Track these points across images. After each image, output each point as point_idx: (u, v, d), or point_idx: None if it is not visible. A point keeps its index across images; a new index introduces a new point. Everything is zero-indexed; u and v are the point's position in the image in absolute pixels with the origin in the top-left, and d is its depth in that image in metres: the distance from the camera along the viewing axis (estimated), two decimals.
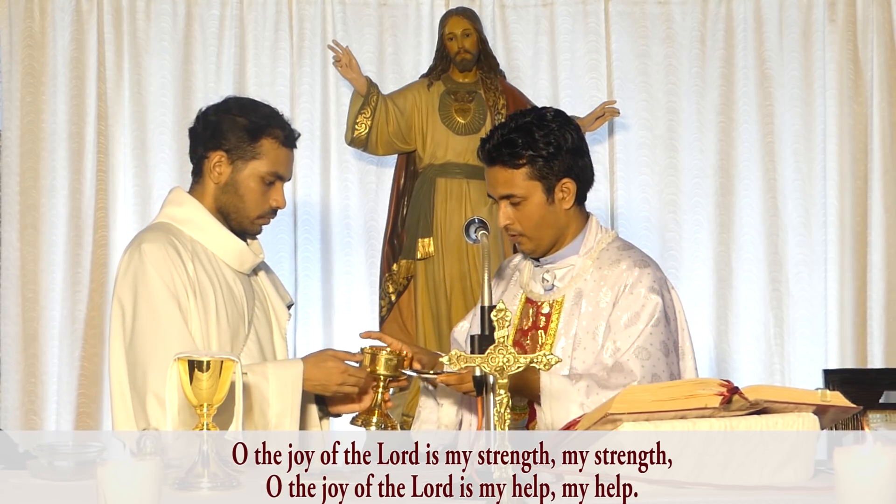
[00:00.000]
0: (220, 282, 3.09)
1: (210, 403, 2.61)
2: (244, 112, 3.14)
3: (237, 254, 3.13)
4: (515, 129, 3.12)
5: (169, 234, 3.08)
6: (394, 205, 5.80)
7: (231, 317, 3.07)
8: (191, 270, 3.02)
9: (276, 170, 3.11)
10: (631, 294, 3.11)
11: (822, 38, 6.04)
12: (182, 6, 6.01)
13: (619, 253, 3.18)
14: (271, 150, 3.11)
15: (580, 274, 3.16)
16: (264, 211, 3.14)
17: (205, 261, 3.08)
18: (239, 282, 3.13)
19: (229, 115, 3.12)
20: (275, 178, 3.12)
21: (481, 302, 2.54)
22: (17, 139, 5.90)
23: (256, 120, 3.12)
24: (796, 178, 6.04)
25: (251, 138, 3.10)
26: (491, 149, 3.12)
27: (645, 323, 3.08)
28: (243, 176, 3.11)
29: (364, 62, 5.82)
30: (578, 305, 3.13)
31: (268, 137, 3.11)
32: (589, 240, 3.19)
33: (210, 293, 3.05)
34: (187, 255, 3.05)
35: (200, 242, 3.10)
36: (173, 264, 3.00)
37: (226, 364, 2.63)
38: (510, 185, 3.11)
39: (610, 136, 6.07)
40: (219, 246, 3.12)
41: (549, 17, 6.08)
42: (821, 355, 5.97)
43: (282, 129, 3.12)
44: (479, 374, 2.40)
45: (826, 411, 2.56)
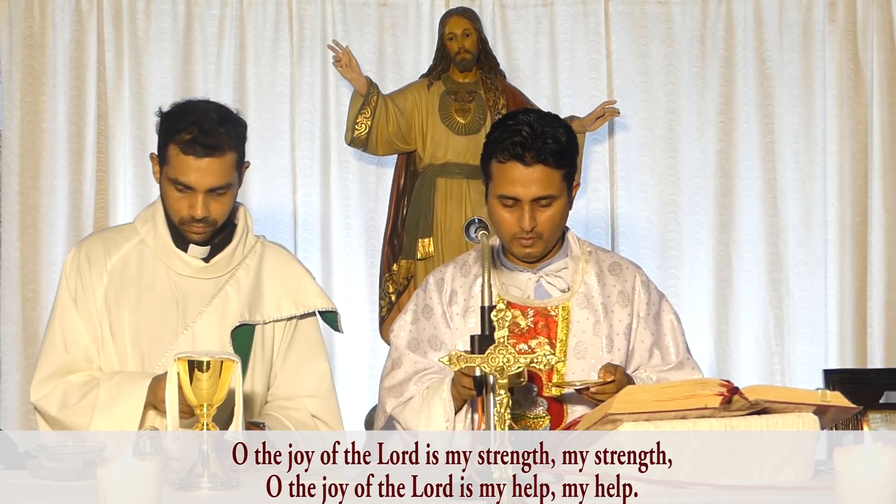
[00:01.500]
0: (149, 284, 3.09)
1: (210, 403, 2.61)
2: (167, 116, 3.08)
3: (172, 257, 3.11)
4: (553, 127, 3.04)
5: (106, 239, 3.16)
6: (394, 205, 5.79)
7: (152, 317, 3.07)
8: (91, 280, 3.09)
9: (177, 177, 3.02)
10: (651, 295, 3.17)
11: (822, 38, 6.04)
12: (182, 6, 6.01)
13: (610, 256, 3.23)
14: (173, 157, 3.02)
15: (579, 278, 3.15)
16: (183, 218, 3.06)
17: (138, 263, 3.11)
18: (185, 283, 3.10)
19: (160, 117, 3.10)
20: (182, 186, 3.02)
21: (481, 302, 2.53)
22: (17, 139, 5.90)
23: (168, 125, 3.05)
24: (796, 178, 6.04)
25: (162, 143, 3.06)
26: (541, 147, 2.99)
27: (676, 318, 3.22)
28: (162, 179, 3.08)
29: (364, 62, 5.82)
30: (588, 309, 3.12)
31: (172, 143, 3.02)
32: (573, 245, 3.19)
33: (125, 297, 3.08)
34: (103, 263, 3.10)
35: (150, 244, 3.13)
36: (79, 273, 3.11)
37: (226, 364, 2.63)
38: (549, 186, 3.02)
39: (610, 136, 6.06)
40: (159, 249, 3.12)
41: (549, 17, 6.08)
42: (821, 355, 5.96)
43: (189, 134, 2.99)
44: (479, 374, 2.40)
45: (826, 411, 2.56)
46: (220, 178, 3.01)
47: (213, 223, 3.07)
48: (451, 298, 3.15)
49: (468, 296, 3.14)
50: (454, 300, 3.14)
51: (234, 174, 3.06)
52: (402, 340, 3.16)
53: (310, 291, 3.19)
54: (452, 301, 3.14)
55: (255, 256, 3.20)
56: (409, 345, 3.14)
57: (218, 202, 3.04)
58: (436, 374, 3.08)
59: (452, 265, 3.22)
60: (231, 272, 3.15)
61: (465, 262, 3.22)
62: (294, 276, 3.22)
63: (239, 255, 3.17)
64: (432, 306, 3.15)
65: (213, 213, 3.04)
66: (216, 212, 3.05)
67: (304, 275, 3.23)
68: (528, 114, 3.09)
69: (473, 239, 2.83)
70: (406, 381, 3.10)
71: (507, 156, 3.01)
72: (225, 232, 3.15)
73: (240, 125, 3.10)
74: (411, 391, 3.08)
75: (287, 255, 3.28)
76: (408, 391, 3.09)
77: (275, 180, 5.99)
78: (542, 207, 3.03)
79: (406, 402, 3.08)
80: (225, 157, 3.02)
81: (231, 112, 3.11)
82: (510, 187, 3.02)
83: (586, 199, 6.00)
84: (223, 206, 3.06)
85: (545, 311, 3.10)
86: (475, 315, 3.10)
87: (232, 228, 3.18)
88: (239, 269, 3.16)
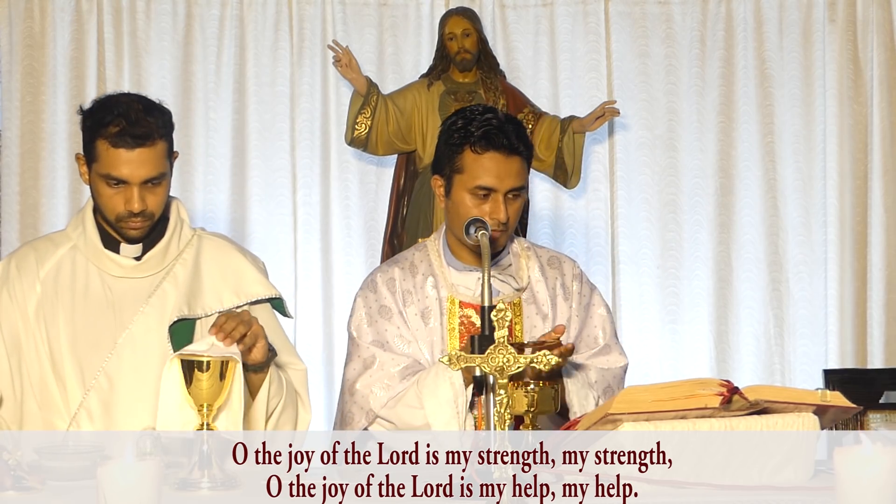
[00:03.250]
0: (82, 290, 3.04)
1: (210, 403, 2.61)
2: (90, 112, 3.02)
3: (103, 259, 3.06)
4: (515, 122, 3.08)
5: (38, 248, 3.09)
6: (394, 205, 5.79)
7: (88, 324, 3.01)
8: (22, 290, 3.03)
9: (109, 172, 2.96)
10: (584, 286, 3.21)
11: (822, 38, 6.04)
12: (182, 6, 6.01)
13: (547, 251, 3.26)
14: (103, 152, 2.96)
15: (525, 274, 3.16)
16: (120, 214, 3.00)
17: (71, 270, 3.05)
18: (119, 285, 3.04)
19: (83, 114, 3.04)
20: (115, 180, 2.97)
21: (481, 302, 2.53)
22: (17, 139, 5.90)
23: (94, 120, 2.99)
24: (796, 178, 6.04)
25: (88, 140, 3.00)
26: (516, 139, 3.02)
27: (606, 310, 3.24)
28: (92, 178, 3.02)
29: (364, 62, 5.82)
30: (536, 304, 3.13)
31: (100, 138, 2.96)
32: (513, 242, 3.20)
33: (60, 306, 3.01)
34: (35, 273, 3.04)
35: (81, 248, 3.08)
36: (6, 282, 3.04)
37: (227, 364, 2.63)
38: (523, 178, 3.04)
39: (610, 136, 6.06)
40: (90, 252, 3.07)
41: (549, 17, 6.08)
42: (821, 355, 5.96)
43: (117, 126, 2.93)
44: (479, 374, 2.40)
45: (826, 411, 2.56)
46: (153, 169, 2.96)
47: (151, 216, 3.01)
48: (406, 299, 3.14)
49: (422, 296, 3.14)
50: (408, 301, 3.13)
51: (167, 163, 3.01)
52: (366, 341, 3.12)
53: (251, 279, 3.11)
54: (407, 302, 3.13)
55: (192, 249, 3.12)
56: (375, 345, 3.11)
57: (153, 194, 2.99)
58: (418, 368, 3.06)
59: (397, 266, 3.19)
60: (167, 268, 3.08)
61: (409, 262, 3.19)
62: (233, 265, 3.13)
63: (174, 249, 3.10)
64: (389, 306, 3.13)
65: (150, 205, 2.99)
66: (153, 204, 2.99)
67: (245, 263, 3.15)
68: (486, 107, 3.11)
69: (473, 239, 2.84)
70: (389, 377, 3.06)
71: (485, 145, 3.01)
72: (158, 227, 3.09)
73: (165, 113, 3.04)
74: (399, 388, 3.04)
75: (226, 245, 3.19)
76: (396, 386, 3.04)
77: (275, 180, 5.98)
78: (511, 199, 3.04)
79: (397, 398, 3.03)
80: (156, 146, 2.96)
81: (154, 102, 3.05)
82: (487, 178, 3.01)
83: (586, 199, 6.00)
84: (158, 198, 3.01)
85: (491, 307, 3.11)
86: (434, 315, 3.11)
87: (165, 223, 3.11)
88: (175, 263, 3.09)
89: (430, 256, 3.19)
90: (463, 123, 3.05)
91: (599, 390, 3.08)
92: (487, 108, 3.11)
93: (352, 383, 3.10)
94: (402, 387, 3.04)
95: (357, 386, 3.09)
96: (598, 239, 5.94)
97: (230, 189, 5.93)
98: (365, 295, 3.17)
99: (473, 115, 3.05)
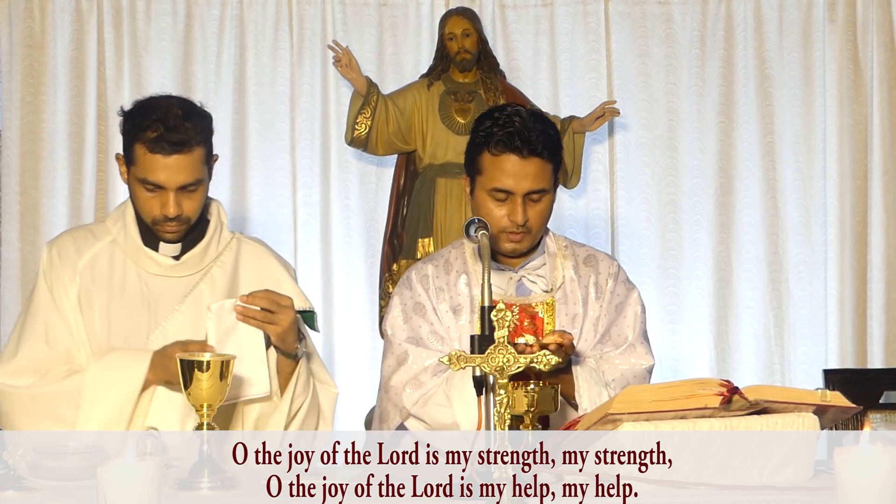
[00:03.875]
0: (119, 284, 3.04)
1: (210, 403, 2.61)
2: (130, 114, 3.03)
3: (142, 257, 3.07)
4: (543, 122, 3.04)
5: (77, 239, 3.10)
6: (394, 205, 5.79)
7: (122, 318, 3.03)
8: (63, 279, 3.03)
9: (146, 176, 2.97)
10: (620, 285, 3.18)
11: (822, 38, 6.03)
12: (182, 6, 6.01)
13: (585, 249, 3.23)
14: (140, 156, 2.97)
15: (559, 273, 3.15)
16: (156, 218, 3.01)
17: (109, 263, 3.06)
18: (156, 283, 3.05)
19: (123, 116, 3.04)
20: (152, 185, 2.98)
21: (481, 302, 2.53)
22: (17, 139, 5.90)
23: (132, 124, 3.00)
24: (796, 178, 6.03)
25: (128, 142, 3.01)
26: (535, 140, 2.99)
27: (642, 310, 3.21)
28: (130, 180, 3.03)
29: (364, 62, 5.82)
30: (569, 304, 3.13)
31: (138, 143, 2.97)
32: (549, 242, 3.19)
33: (97, 298, 3.02)
34: (74, 263, 3.05)
35: (120, 243, 3.09)
36: (54, 271, 3.05)
37: (227, 364, 2.63)
38: (543, 180, 3.02)
39: (610, 136, 6.06)
40: (129, 248, 3.08)
41: (549, 17, 6.08)
42: (821, 355, 5.96)
43: (154, 132, 2.94)
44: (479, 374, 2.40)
45: (826, 411, 2.56)
46: (189, 175, 2.97)
47: (187, 221, 3.02)
48: (438, 296, 3.14)
49: (454, 293, 3.14)
50: (441, 297, 3.14)
51: (204, 169, 3.02)
52: (400, 338, 3.13)
53: (287, 290, 3.11)
54: (440, 299, 3.14)
55: (231, 253, 3.14)
56: (409, 342, 3.12)
57: (189, 199, 3.00)
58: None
59: (431, 263, 3.20)
60: (205, 269, 3.10)
61: (444, 259, 3.20)
62: (271, 273, 3.15)
63: (213, 251, 3.11)
64: (423, 303, 3.13)
65: (186, 210, 3.00)
66: (188, 209, 3.01)
67: (282, 273, 3.17)
68: (514, 107, 3.08)
69: (473, 239, 2.83)
70: (422, 373, 3.06)
71: (502, 148, 3.00)
72: (198, 228, 3.10)
73: (205, 118, 3.04)
74: (430, 384, 3.05)
75: (264, 252, 3.21)
76: (428, 383, 3.05)
77: (275, 180, 5.98)
78: (533, 202, 3.03)
79: (427, 397, 3.04)
80: (193, 152, 2.97)
81: (195, 105, 3.06)
82: (504, 180, 3.00)
83: (586, 199, 6.00)
84: (195, 203, 3.02)
85: (530, 307, 3.11)
86: (465, 312, 3.11)
87: (205, 224, 3.12)
88: (214, 266, 3.11)
89: (465, 254, 3.20)
90: (489, 125, 3.03)
91: (617, 389, 3.05)
92: (515, 109, 3.06)
93: (386, 380, 3.12)
94: (433, 383, 3.04)
95: (391, 383, 3.10)
96: (598, 239, 5.93)
97: (230, 189, 5.92)
98: (401, 292, 3.19)
99: (500, 117, 3.03)
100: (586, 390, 2.99)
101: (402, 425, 3.09)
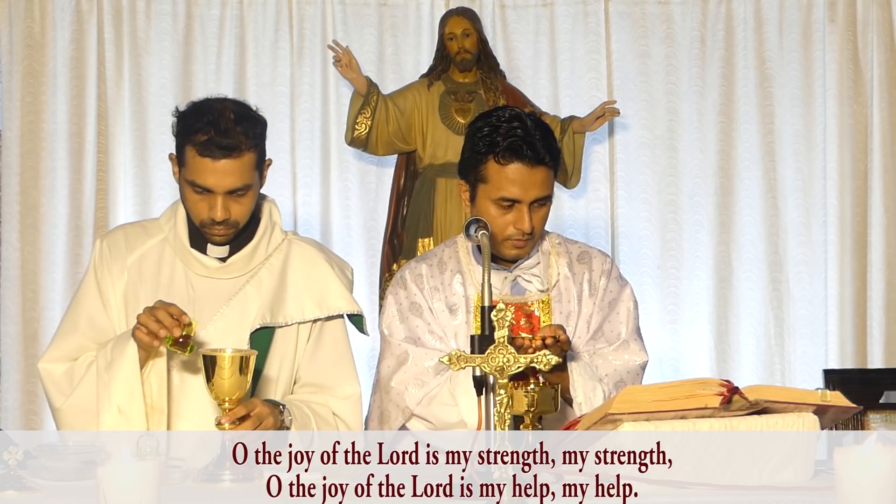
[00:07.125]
0: (166, 283, 3.04)
1: (231, 397, 2.63)
2: (183, 116, 2.99)
3: (189, 257, 3.06)
4: (543, 128, 3.04)
5: (129, 234, 3.11)
6: (394, 205, 5.80)
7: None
8: (112, 273, 3.04)
9: (195, 179, 2.94)
10: (612, 282, 3.18)
11: (822, 38, 6.04)
12: (182, 6, 6.01)
13: (578, 246, 3.24)
14: (191, 159, 2.94)
15: (554, 271, 3.15)
16: (204, 221, 2.99)
17: (157, 262, 3.06)
18: (202, 284, 3.04)
19: (176, 117, 3.01)
20: (201, 188, 2.94)
21: (482, 302, 2.53)
22: (17, 139, 5.90)
23: (184, 125, 2.97)
24: (796, 178, 6.04)
25: (179, 144, 2.98)
26: (541, 148, 2.98)
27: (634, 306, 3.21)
28: (181, 181, 3.00)
29: (364, 62, 5.82)
30: (563, 301, 3.13)
31: (189, 145, 2.94)
32: (543, 241, 3.19)
33: (143, 295, 3.02)
34: (123, 259, 3.06)
35: (170, 242, 3.08)
36: (104, 265, 3.06)
37: (246, 359, 2.65)
38: (548, 186, 3.03)
39: (610, 136, 6.06)
40: (177, 248, 3.07)
41: (549, 17, 6.08)
42: (821, 355, 5.96)
43: (205, 135, 2.91)
44: (479, 374, 2.40)
45: (826, 411, 2.56)
46: (238, 180, 2.93)
47: (235, 225, 3.00)
48: (433, 295, 3.14)
49: (449, 293, 3.14)
50: (436, 297, 3.14)
51: (255, 174, 2.98)
52: (398, 338, 3.13)
53: (335, 293, 3.09)
54: (435, 298, 3.14)
55: (281, 255, 3.10)
56: (408, 341, 3.11)
57: (238, 203, 2.97)
58: None
59: (425, 263, 3.20)
60: (253, 271, 3.06)
61: (438, 258, 3.20)
62: (320, 276, 3.11)
63: (261, 253, 3.08)
64: (419, 302, 3.13)
65: (234, 214, 2.97)
66: (237, 213, 2.98)
67: (331, 275, 3.12)
68: (513, 112, 3.06)
69: (474, 238, 2.83)
70: (424, 373, 3.06)
71: (510, 157, 2.98)
72: (248, 230, 3.07)
73: (258, 123, 3.01)
74: (433, 384, 3.04)
75: (315, 254, 3.16)
76: (430, 382, 3.05)
77: (275, 180, 5.98)
78: (537, 207, 3.03)
79: (431, 396, 3.03)
80: (243, 157, 2.93)
81: (250, 109, 3.03)
82: (512, 189, 3.00)
83: (586, 199, 6.00)
84: (244, 208, 2.99)
85: (525, 306, 3.11)
86: (461, 312, 3.12)
87: (255, 225, 3.09)
88: (262, 268, 3.07)
89: (459, 254, 3.19)
90: (489, 131, 3.01)
91: (611, 384, 3.06)
92: (514, 114, 3.05)
93: (387, 381, 3.11)
94: (436, 382, 3.04)
95: (392, 384, 3.10)
96: (598, 239, 5.94)
97: None
98: (395, 292, 3.18)
99: (500, 123, 3.01)
100: (581, 385, 3.00)
101: (403, 426, 3.09)
